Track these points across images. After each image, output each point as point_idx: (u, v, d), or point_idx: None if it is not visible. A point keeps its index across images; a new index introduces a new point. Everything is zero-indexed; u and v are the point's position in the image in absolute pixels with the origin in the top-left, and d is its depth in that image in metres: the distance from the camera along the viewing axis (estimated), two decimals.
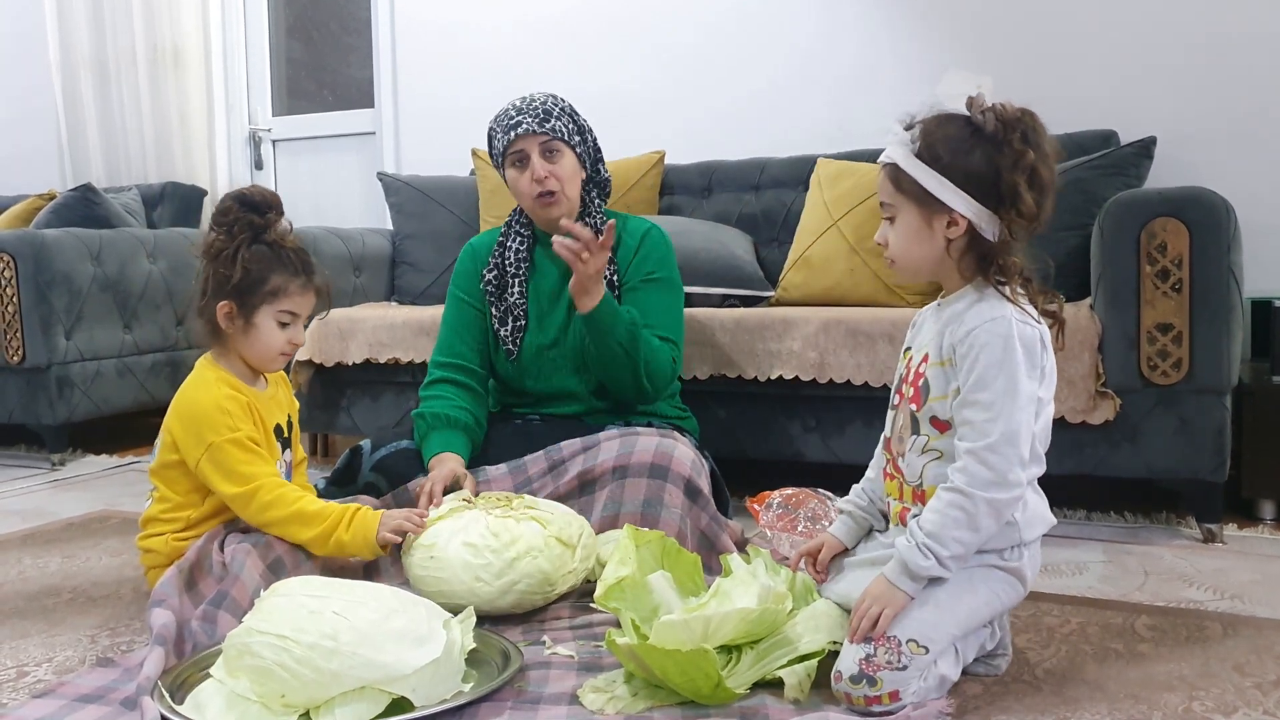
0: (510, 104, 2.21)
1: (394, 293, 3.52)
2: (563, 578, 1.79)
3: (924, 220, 1.43)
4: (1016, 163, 1.37)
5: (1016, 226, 1.40)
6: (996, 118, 1.39)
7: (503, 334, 2.24)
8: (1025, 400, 1.37)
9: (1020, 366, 1.37)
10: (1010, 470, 1.36)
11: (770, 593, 1.50)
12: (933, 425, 1.46)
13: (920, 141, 1.42)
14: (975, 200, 1.40)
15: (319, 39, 4.58)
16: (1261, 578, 2.00)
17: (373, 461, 2.17)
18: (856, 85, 3.38)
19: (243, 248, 1.84)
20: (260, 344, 1.88)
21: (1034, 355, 1.39)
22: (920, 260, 1.47)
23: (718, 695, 1.42)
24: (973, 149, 1.39)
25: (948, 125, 1.41)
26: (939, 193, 1.40)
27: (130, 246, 3.58)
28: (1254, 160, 2.90)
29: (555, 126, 2.16)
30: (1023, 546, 1.45)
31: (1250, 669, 1.54)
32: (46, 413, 3.32)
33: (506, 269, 2.26)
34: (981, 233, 1.41)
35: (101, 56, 4.57)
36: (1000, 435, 1.36)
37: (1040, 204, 1.39)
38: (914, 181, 1.41)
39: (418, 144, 4.15)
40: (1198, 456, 2.19)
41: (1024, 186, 1.37)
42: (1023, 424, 1.37)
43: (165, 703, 1.40)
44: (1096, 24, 3.08)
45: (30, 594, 2.04)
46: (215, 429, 1.80)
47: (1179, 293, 2.15)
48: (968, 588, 1.43)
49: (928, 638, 1.39)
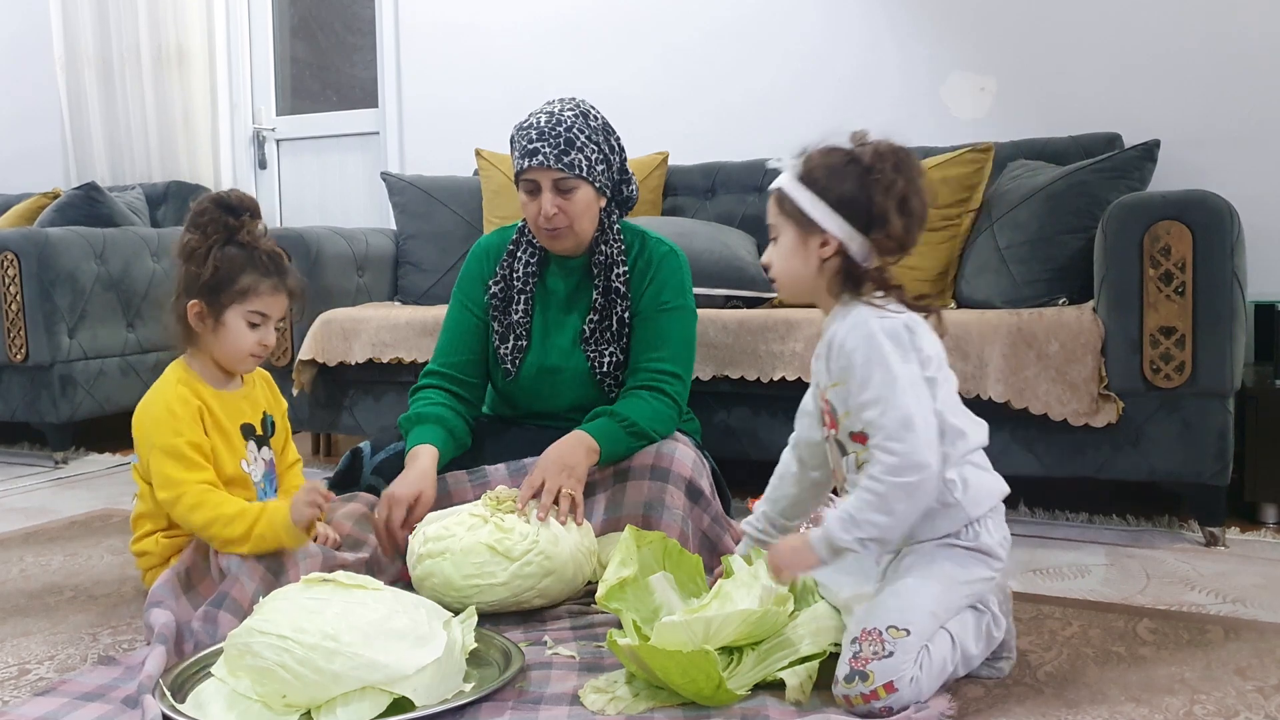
0: (534, 119, 2.04)
1: (397, 293, 3.52)
2: (565, 579, 1.79)
3: (801, 240, 1.53)
4: (888, 189, 1.47)
5: (884, 248, 1.50)
6: (874, 150, 1.50)
7: (502, 351, 2.16)
8: (906, 384, 1.43)
9: (891, 356, 1.44)
10: (914, 453, 1.41)
11: (772, 594, 1.50)
12: (854, 440, 1.52)
13: (803, 168, 1.53)
14: (847, 222, 1.49)
15: (323, 39, 4.58)
16: (1264, 581, 2.00)
17: (373, 464, 2.16)
18: (860, 87, 3.37)
19: (215, 247, 1.85)
20: (229, 344, 1.88)
21: (900, 341, 1.45)
22: (796, 277, 1.55)
23: (719, 696, 1.42)
24: (848, 175, 1.49)
25: (830, 155, 1.52)
26: (814, 213, 1.50)
27: (134, 245, 3.59)
28: (1258, 163, 2.90)
29: (574, 160, 2.00)
30: (975, 524, 1.48)
31: (1252, 673, 1.54)
32: (50, 411, 3.32)
33: (513, 283, 2.16)
34: (851, 254, 1.50)
35: (106, 55, 4.58)
36: (894, 423, 1.42)
37: (908, 229, 1.49)
38: (793, 203, 1.52)
39: (422, 144, 4.15)
40: (1200, 460, 2.19)
41: (893, 212, 1.46)
42: (912, 407, 1.42)
43: (167, 701, 1.40)
44: (1100, 27, 3.07)
45: (32, 592, 2.04)
46: (160, 432, 1.81)
47: (1182, 296, 2.15)
48: (932, 568, 1.46)
49: (904, 620, 1.41)
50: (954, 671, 1.46)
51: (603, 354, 2.12)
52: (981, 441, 1.52)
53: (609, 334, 2.12)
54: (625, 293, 2.12)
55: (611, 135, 2.11)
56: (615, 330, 2.12)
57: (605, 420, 2.01)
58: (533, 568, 1.75)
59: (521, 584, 1.75)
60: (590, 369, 2.13)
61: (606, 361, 2.12)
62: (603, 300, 2.11)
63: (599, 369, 2.12)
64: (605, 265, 2.11)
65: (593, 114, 2.08)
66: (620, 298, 2.11)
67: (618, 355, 2.12)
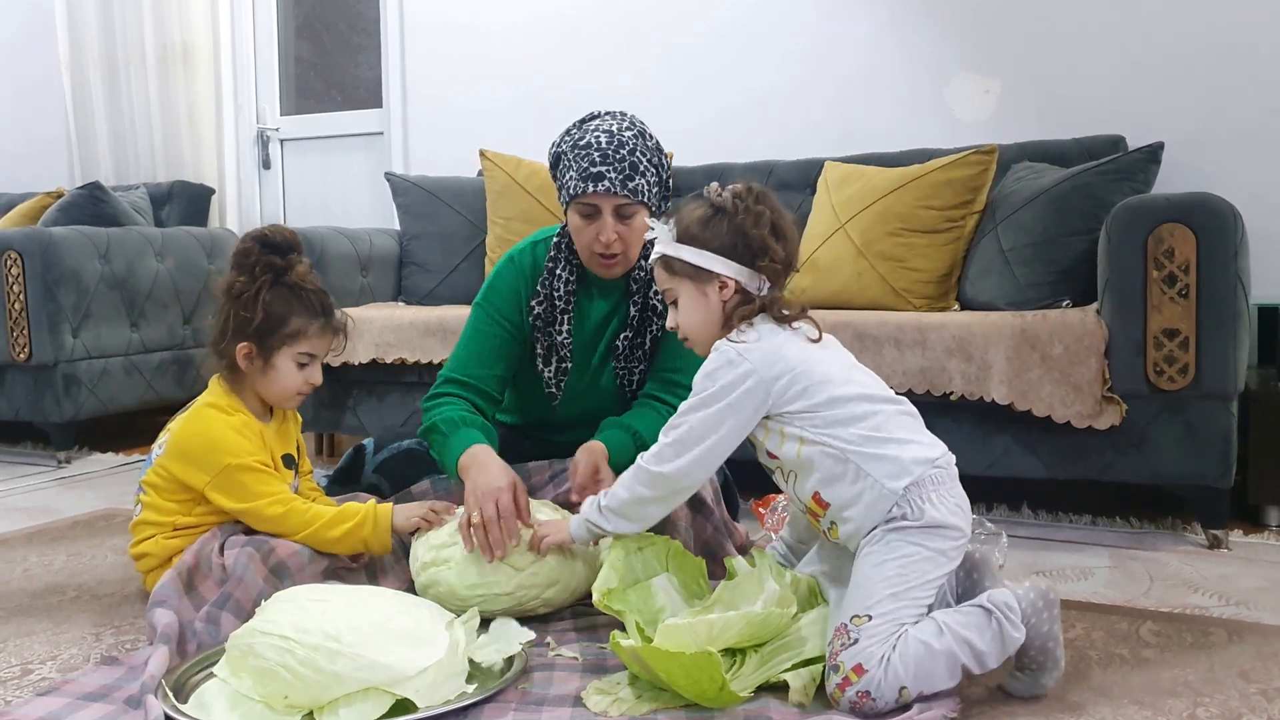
0: (593, 139, 1.91)
1: (401, 293, 3.53)
2: (570, 588, 1.79)
3: (699, 291, 1.62)
4: (757, 220, 1.59)
5: (773, 272, 1.61)
6: (731, 194, 1.61)
7: (546, 375, 2.08)
8: (715, 413, 1.56)
9: (723, 384, 1.55)
10: (672, 458, 1.57)
11: (775, 596, 1.50)
12: (770, 458, 1.61)
13: (676, 228, 1.63)
14: (734, 261, 1.60)
15: (328, 39, 4.59)
16: (1267, 584, 1.99)
17: (375, 463, 2.16)
18: (864, 88, 3.37)
19: (264, 290, 1.86)
20: (278, 384, 1.90)
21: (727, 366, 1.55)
22: (705, 325, 1.64)
23: (722, 698, 1.42)
24: (719, 221, 1.60)
25: (694, 209, 1.63)
26: (704, 264, 1.60)
27: (138, 245, 3.59)
28: (1262, 166, 2.90)
29: (639, 186, 1.90)
30: (911, 500, 1.48)
31: (1255, 675, 1.53)
32: (53, 410, 3.32)
33: (555, 303, 2.04)
34: (747, 289, 1.60)
35: (111, 54, 4.58)
36: (680, 427, 1.58)
37: (788, 249, 1.61)
38: (682, 261, 1.61)
39: (426, 144, 4.15)
40: (1204, 462, 2.19)
41: (769, 238, 1.59)
42: (697, 436, 1.57)
43: (169, 702, 1.41)
44: (1105, 29, 3.07)
45: (35, 592, 2.04)
46: (232, 452, 1.83)
47: (1186, 298, 2.15)
48: (883, 552, 1.47)
49: (863, 606, 1.43)
50: (962, 664, 1.41)
51: (633, 371, 2.08)
52: (893, 419, 1.55)
53: (640, 352, 2.07)
54: (663, 310, 2.01)
55: (662, 153, 2.00)
56: (648, 349, 2.07)
57: (617, 434, 1.97)
58: (538, 578, 1.74)
59: (525, 593, 1.74)
60: (619, 386, 2.09)
61: (636, 379, 2.09)
62: (639, 318, 2.05)
63: (628, 387, 2.09)
64: (645, 282, 2.03)
65: (648, 133, 1.99)
66: (657, 315, 2.04)
67: (645, 371, 2.09)
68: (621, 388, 2.09)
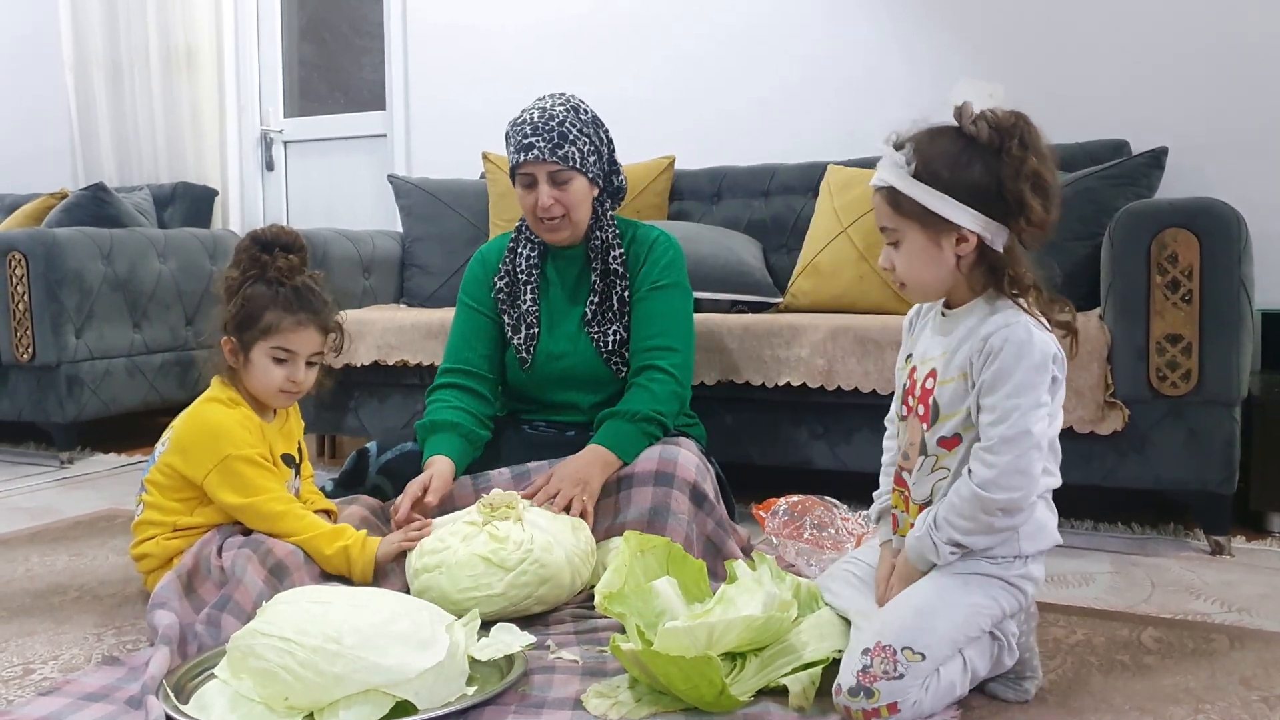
0: (527, 115, 2.12)
1: (403, 295, 3.53)
2: (563, 585, 1.79)
3: (931, 240, 1.40)
4: (1018, 170, 1.34)
5: (1027, 235, 1.38)
6: (990, 126, 1.36)
7: (516, 342, 2.22)
8: (1030, 406, 1.36)
9: (1031, 373, 1.36)
10: (1012, 475, 1.36)
11: (775, 600, 1.50)
12: (940, 445, 1.46)
13: (916, 160, 1.38)
14: (982, 214, 1.37)
15: (331, 41, 4.59)
16: (1269, 591, 1.99)
17: (379, 465, 2.17)
18: (866, 91, 3.37)
19: (245, 285, 1.88)
20: (258, 379, 1.91)
21: (1045, 364, 1.37)
22: (933, 280, 1.44)
23: (721, 702, 1.42)
24: (971, 162, 1.36)
25: (940, 140, 1.38)
26: (945, 212, 1.37)
27: (141, 246, 3.60)
28: (1266, 171, 2.89)
29: (568, 153, 2.08)
30: (1023, 559, 1.43)
31: (1257, 683, 1.53)
32: (56, 411, 3.33)
33: (518, 276, 2.23)
34: (992, 245, 1.39)
35: (114, 56, 4.59)
36: (999, 439, 1.36)
37: (1048, 209, 1.36)
38: (915, 203, 1.38)
39: (429, 147, 4.16)
40: (1206, 468, 2.18)
41: (1029, 194, 1.34)
42: (1032, 429, 1.36)
43: (170, 702, 1.41)
44: (1108, 33, 3.07)
45: (37, 592, 2.04)
46: (233, 443, 1.84)
47: (1189, 304, 2.15)
48: (962, 591, 1.41)
49: (923, 644, 1.37)
50: (961, 694, 1.43)
51: (606, 333, 2.18)
52: (1057, 482, 1.46)
53: (610, 313, 2.19)
54: (623, 273, 2.20)
55: (600, 128, 2.18)
56: (616, 309, 2.19)
57: (613, 423, 2.05)
58: (528, 577, 1.74)
59: (518, 594, 1.74)
60: (595, 348, 2.18)
61: (611, 340, 2.18)
62: (602, 282, 2.20)
63: (604, 348, 2.18)
64: (602, 249, 2.20)
65: (582, 108, 2.16)
66: (619, 278, 2.19)
67: (621, 333, 2.18)
68: (598, 349, 2.19)
